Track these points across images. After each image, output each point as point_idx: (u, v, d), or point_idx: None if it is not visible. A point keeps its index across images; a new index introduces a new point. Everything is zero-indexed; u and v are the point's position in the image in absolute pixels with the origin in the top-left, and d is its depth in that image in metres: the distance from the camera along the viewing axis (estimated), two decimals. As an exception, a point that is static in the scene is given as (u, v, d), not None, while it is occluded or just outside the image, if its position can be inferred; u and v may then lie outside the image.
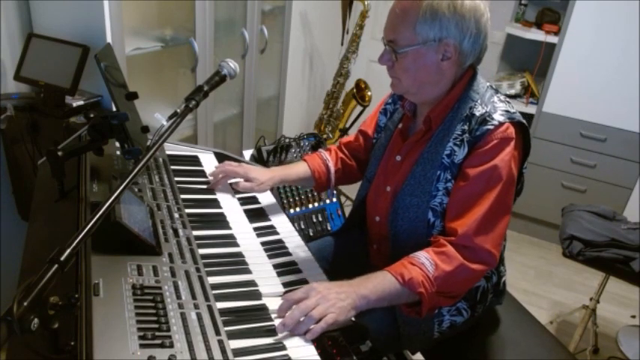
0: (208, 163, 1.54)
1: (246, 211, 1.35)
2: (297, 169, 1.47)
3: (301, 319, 0.93)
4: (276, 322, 0.95)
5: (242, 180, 1.40)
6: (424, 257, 1.07)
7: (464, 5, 1.07)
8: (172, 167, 1.38)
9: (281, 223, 1.35)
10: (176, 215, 1.14)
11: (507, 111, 1.11)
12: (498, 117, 1.09)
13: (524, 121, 1.13)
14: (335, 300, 0.97)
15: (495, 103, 1.13)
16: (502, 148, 1.08)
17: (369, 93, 2.93)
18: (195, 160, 1.54)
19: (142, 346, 0.75)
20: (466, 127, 1.12)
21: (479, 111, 1.11)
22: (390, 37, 1.13)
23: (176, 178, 1.32)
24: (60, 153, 1.06)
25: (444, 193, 1.14)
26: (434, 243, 1.12)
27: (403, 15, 1.10)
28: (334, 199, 2.29)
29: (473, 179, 1.09)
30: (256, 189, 1.39)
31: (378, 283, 1.04)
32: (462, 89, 1.16)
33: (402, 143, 1.26)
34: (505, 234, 1.31)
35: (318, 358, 0.89)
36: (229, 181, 1.43)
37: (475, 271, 1.08)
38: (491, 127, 1.08)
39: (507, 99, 1.17)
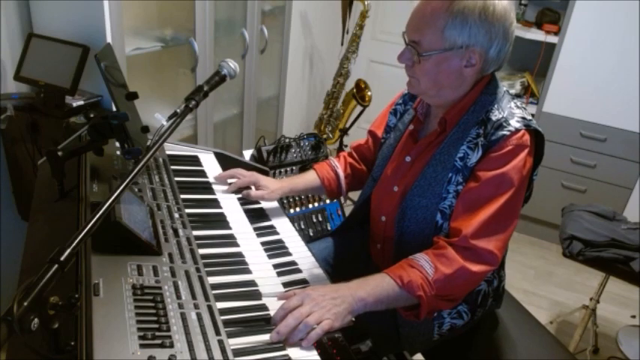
0: (208, 163, 1.54)
1: (246, 211, 1.35)
2: (306, 178, 1.48)
3: (300, 326, 0.92)
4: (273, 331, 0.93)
5: (253, 188, 1.41)
6: (424, 259, 1.06)
7: (495, 12, 1.04)
8: (172, 167, 1.38)
9: (281, 223, 1.35)
10: (176, 215, 1.14)
11: (524, 118, 1.10)
12: (515, 123, 1.08)
13: (540, 129, 1.12)
14: (330, 306, 0.95)
15: (512, 109, 1.12)
16: (516, 155, 1.07)
17: (369, 93, 2.93)
18: (195, 160, 1.54)
19: (142, 346, 0.75)
20: (481, 131, 1.10)
21: (495, 116, 1.10)
22: (414, 38, 1.10)
23: (176, 178, 1.32)
24: (60, 153, 1.06)
25: (454, 196, 1.12)
26: (435, 244, 1.11)
27: (432, 17, 1.06)
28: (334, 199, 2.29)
29: (483, 182, 1.08)
30: (266, 197, 1.39)
31: (377, 285, 1.03)
32: (479, 93, 1.14)
33: (413, 145, 1.25)
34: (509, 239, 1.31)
35: (318, 358, 0.89)
36: (240, 193, 1.43)
37: (476, 273, 1.07)
38: (507, 132, 1.07)
39: (524, 105, 1.16)
